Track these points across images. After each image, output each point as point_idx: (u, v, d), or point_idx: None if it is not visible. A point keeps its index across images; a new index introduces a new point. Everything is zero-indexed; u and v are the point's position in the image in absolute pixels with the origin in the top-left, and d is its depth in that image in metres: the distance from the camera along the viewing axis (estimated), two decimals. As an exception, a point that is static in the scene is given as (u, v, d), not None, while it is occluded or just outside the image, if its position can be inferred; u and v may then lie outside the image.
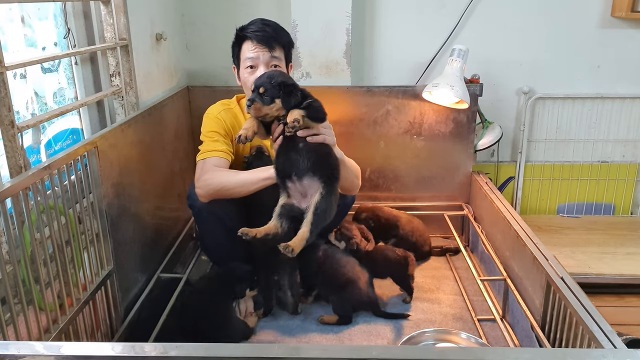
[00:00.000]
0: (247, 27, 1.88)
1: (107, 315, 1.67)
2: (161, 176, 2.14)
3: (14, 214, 1.24)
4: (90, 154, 1.54)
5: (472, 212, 2.50)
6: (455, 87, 2.27)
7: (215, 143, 1.87)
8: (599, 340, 1.26)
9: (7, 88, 1.33)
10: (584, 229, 2.70)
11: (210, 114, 1.97)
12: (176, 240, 2.27)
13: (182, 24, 2.61)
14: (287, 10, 2.49)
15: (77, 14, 1.89)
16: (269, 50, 1.84)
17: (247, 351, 0.87)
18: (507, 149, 2.82)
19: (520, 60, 2.67)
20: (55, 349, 0.86)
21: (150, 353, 0.86)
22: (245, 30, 1.87)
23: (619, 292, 2.32)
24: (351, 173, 1.85)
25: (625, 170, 2.82)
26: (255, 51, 1.84)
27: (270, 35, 1.85)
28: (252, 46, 1.84)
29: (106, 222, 1.61)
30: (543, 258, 1.65)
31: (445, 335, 1.74)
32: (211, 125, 1.92)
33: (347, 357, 0.86)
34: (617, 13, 2.53)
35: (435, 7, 2.60)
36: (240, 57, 1.89)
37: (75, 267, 1.48)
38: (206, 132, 1.92)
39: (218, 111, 1.96)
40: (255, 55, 1.84)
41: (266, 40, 1.84)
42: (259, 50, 1.84)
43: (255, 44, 1.84)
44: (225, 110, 1.97)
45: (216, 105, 2.01)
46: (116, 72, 1.95)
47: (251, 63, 1.85)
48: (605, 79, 2.69)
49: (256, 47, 1.84)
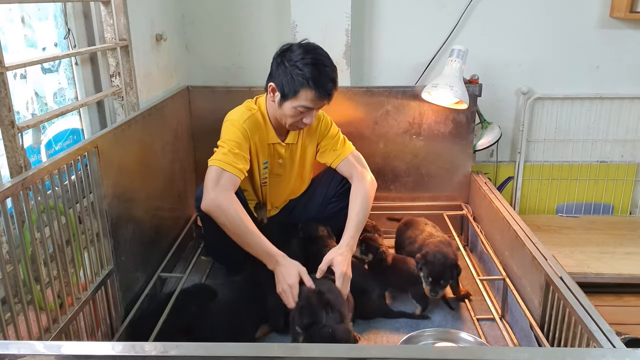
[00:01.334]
0: (318, 78, 1.78)
1: (108, 314, 1.67)
2: (161, 176, 2.14)
3: (14, 213, 1.24)
4: (90, 154, 1.54)
5: (471, 211, 2.50)
6: (455, 87, 2.27)
7: (235, 156, 1.82)
8: (598, 339, 1.26)
9: (7, 88, 1.33)
10: (583, 228, 2.71)
11: (235, 120, 1.90)
12: (176, 240, 2.28)
13: (182, 24, 2.61)
14: (287, 10, 2.49)
15: (77, 14, 1.89)
16: (328, 102, 1.86)
17: (247, 351, 0.87)
18: (506, 149, 2.83)
19: (520, 61, 2.68)
20: (55, 349, 0.86)
21: (151, 352, 0.86)
22: (310, 80, 1.78)
23: (618, 292, 2.32)
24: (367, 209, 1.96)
25: (624, 170, 2.82)
26: (314, 102, 1.82)
27: (333, 90, 1.84)
28: (314, 97, 1.80)
29: (106, 222, 1.61)
30: (542, 258, 1.66)
31: (444, 334, 1.74)
32: (235, 134, 1.86)
33: (347, 357, 0.87)
34: (616, 13, 2.53)
35: (435, 8, 2.60)
36: (296, 96, 1.82)
37: (76, 266, 1.48)
38: (228, 139, 1.85)
39: (243, 119, 1.89)
40: (313, 106, 1.83)
41: (329, 97, 1.84)
42: (319, 103, 1.84)
43: (320, 99, 1.82)
44: (250, 119, 1.91)
45: (240, 110, 1.95)
46: (116, 72, 1.95)
47: (304, 110, 1.84)
48: (604, 79, 2.70)
49: (318, 101, 1.82)
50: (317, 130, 2.09)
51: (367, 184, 2.00)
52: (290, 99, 1.83)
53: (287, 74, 1.81)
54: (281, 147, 2.03)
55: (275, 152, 2.04)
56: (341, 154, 2.08)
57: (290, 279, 1.68)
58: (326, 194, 2.18)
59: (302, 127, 1.94)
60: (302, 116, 1.87)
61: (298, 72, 1.79)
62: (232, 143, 1.84)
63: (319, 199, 2.20)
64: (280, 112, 1.89)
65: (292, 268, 1.71)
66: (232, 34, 2.64)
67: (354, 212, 1.91)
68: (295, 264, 1.73)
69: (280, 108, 1.88)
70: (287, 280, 1.68)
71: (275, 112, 1.93)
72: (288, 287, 1.67)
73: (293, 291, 1.66)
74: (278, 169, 2.08)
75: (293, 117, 1.87)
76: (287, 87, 1.82)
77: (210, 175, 1.79)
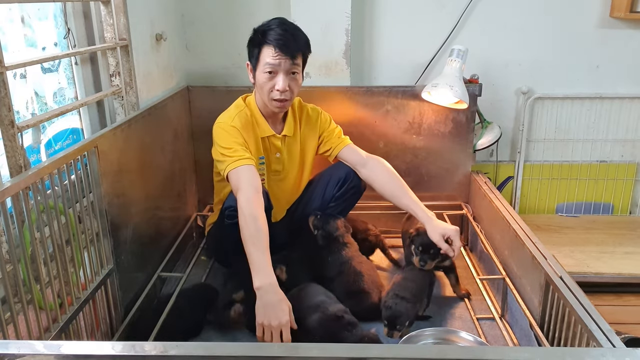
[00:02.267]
0: (268, 32, 1.83)
1: (107, 314, 1.67)
2: (161, 176, 2.14)
3: (14, 213, 1.24)
4: (90, 153, 1.54)
5: (471, 211, 2.50)
6: (455, 87, 2.27)
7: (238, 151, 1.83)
8: (598, 339, 1.26)
9: (7, 88, 1.33)
10: (582, 228, 2.71)
11: (223, 123, 1.91)
12: (176, 240, 2.28)
13: (182, 24, 2.61)
14: (287, 10, 2.49)
15: (77, 14, 1.89)
16: (291, 59, 1.82)
17: (247, 350, 0.87)
18: (506, 148, 2.83)
19: (519, 61, 2.68)
20: (55, 348, 0.86)
21: (150, 352, 0.86)
22: (266, 35, 1.83)
23: (618, 291, 2.32)
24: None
25: (624, 170, 2.82)
26: (276, 58, 1.81)
27: (292, 43, 1.82)
28: (273, 52, 1.81)
29: (106, 221, 1.61)
30: (542, 257, 1.66)
31: (444, 334, 1.74)
32: (227, 138, 1.86)
33: (347, 356, 0.87)
34: (616, 13, 2.53)
35: (435, 8, 2.60)
36: (259, 59, 1.85)
37: (76, 266, 1.48)
38: (225, 145, 1.85)
39: (231, 119, 1.90)
40: (276, 62, 1.82)
41: (288, 48, 1.81)
42: (280, 58, 1.81)
43: (277, 52, 1.81)
44: (238, 117, 1.91)
45: (229, 111, 1.96)
46: (116, 72, 1.95)
47: (271, 69, 1.83)
48: (604, 79, 2.70)
49: (278, 55, 1.81)
50: (317, 122, 2.08)
51: (383, 160, 2.05)
52: (257, 65, 1.87)
53: (250, 43, 1.88)
54: (276, 139, 2.01)
55: (271, 145, 2.02)
56: (343, 141, 2.08)
57: (283, 317, 1.51)
58: (324, 196, 2.14)
59: (281, 99, 1.87)
60: (273, 82, 1.84)
61: (257, 36, 1.85)
62: (228, 146, 1.85)
63: (318, 202, 2.15)
64: (259, 89, 1.90)
65: (284, 303, 1.55)
66: (232, 34, 2.64)
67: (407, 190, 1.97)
68: (285, 299, 1.57)
69: (257, 84, 1.90)
70: (279, 316, 1.50)
71: (260, 97, 1.93)
72: (278, 325, 1.50)
73: (284, 331, 1.50)
74: (276, 164, 2.06)
75: (266, 86, 1.85)
76: (251, 54, 1.88)
77: (232, 182, 1.80)
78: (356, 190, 2.10)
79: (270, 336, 1.50)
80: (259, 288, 1.57)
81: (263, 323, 1.51)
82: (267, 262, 1.63)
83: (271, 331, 1.50)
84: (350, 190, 2.09)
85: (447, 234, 1.82)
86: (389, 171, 2.02)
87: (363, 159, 2.05)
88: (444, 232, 1.82)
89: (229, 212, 1.85)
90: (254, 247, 1.64)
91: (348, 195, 2.09)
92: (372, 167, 2.04)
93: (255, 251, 1.63)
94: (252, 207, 1.71)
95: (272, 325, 1.50)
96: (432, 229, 1.84)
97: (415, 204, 1.93)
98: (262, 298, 1.55)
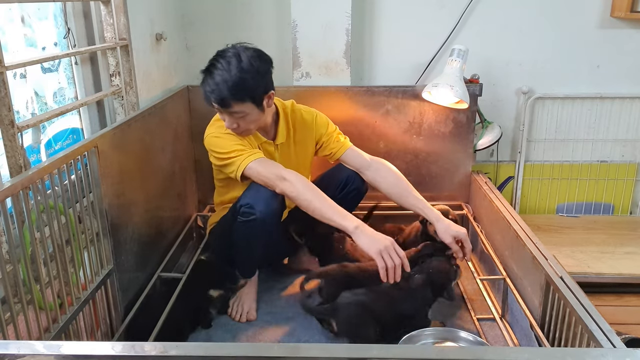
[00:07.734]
0: (204, 81, 1.74)
1: (107, 314, 1.67)
2: (161, 176, 2.14)
3: (14, 213, 1.24)
4: (90, 153, 1.54)
5: (471, 211, 2.50)
6: (455, 87, 2.27)
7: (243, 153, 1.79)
8: (598, 339, 1.26)
9: (7, 88, 1.33)
10: (583, 228, 2.71)
11: (215, 132, 1.86)
12: (176, 240, 2.28)
13: (182, 24, 2.61)
14: (287, 10, 2.49)
15: (77, 14, 1.89)
16: (228, 108, 1.74)
17: (247, 350, 0.87)
18: (507, 148, 2.82)
19: (520, 60, 2.68)
20: (55, 348, 0.86)
21: (150, 352, 0.86)
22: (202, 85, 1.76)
23: (618, 292, 2.32)
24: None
25: (624, 170, 2.82)
26: (217, 108, 1.78)
27: (219, 99, 1.73)
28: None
29: (106, 221, 1.61)
30: (542, 257, 1.66)
31: (444, 334, 1.74)
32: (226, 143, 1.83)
33: (347, 357, 0.87)
34: (617, 13, 2.53)
35: (435, 7, 2.60)
36: None
37: (75, 266, 1.48)
38: (227, 149, 1.81)
39: (222, 127, 1.85)
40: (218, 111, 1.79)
41: (218, 104, 1.74)
42: (218, 108, 1.77)
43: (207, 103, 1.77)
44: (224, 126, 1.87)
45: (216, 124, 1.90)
46: (116, 72, 1.95)
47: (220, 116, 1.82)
48: (604, 79, 2.70)
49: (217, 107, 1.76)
50: (312, 125, 2.03)
51: (386, 162, 2.04)
52: None
53: None
54: (269, 144, 1.96)
55: (264, 151, 1.96)
56: (344, 145, 2.04)
57: (387, 238, 1.67)
58: None
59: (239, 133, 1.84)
60: (224, 117, 1.80)
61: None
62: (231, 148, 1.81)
63: None
64: None
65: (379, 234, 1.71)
66: (232, 34, 2.64)
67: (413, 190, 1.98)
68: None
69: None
70: (385, 239, 1.66)
71: None
72: (391, 244, 1.65)
73: (396, 247, 1.66)
74: None
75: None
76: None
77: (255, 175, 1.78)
78: (358, 192, 2.08)
79: (389, 258, 1.63)
80: (356, 227, 1.68)
81: (379, 249, 1.64)
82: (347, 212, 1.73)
83: (388, 253, 1.63)
84: (351, 192, 2.07)
85: (459, 237, 1.84)
86: (393, 173, 2.01)
87: (367, 161, 2.03)
88: (457, 235, 1.84)
89: (245, 209, 1.80)
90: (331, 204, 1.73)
91: (349, 198, 2.08)
92: (376, 169, 2.02)
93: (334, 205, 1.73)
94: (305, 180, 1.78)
95: (387, 245, 1.64)
96: (444, 229, 1.85)
97: (423, 204, 1.93)
98: (364, 232, 1.68)
